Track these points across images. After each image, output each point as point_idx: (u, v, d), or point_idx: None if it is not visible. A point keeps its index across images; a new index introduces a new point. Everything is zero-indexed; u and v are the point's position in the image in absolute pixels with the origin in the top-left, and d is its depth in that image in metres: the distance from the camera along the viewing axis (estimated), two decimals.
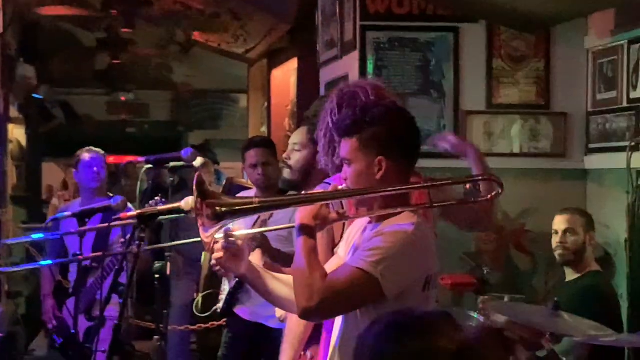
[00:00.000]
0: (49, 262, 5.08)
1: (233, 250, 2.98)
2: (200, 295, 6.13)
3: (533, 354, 4.36)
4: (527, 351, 4.11)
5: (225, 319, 5.86)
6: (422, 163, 3.16)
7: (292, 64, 8.79)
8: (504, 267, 5.94)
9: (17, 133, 12.15)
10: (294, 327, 3.59)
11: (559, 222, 4.98)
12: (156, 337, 3.55)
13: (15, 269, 4.99)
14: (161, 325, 3.74)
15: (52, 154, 14.34)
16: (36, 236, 4.28)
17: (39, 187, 13.88)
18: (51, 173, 14.74)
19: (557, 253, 4.97)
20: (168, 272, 3.69)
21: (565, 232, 4.94)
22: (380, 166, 2.95)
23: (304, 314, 2.91)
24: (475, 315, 4.84)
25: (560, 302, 4.32)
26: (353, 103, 3.47)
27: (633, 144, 5.34)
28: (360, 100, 3.51)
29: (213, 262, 3.13)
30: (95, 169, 5.95)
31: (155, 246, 3.33)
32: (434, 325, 1.81)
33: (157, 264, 3.58)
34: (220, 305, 5.79)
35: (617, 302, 4.96)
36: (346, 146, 3.01)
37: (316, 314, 2.92)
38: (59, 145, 13.16)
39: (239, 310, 5.40)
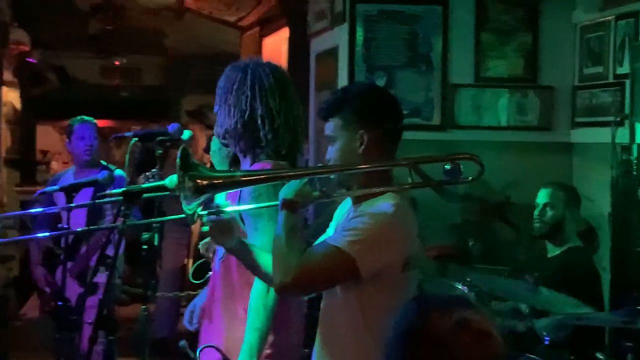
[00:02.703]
0: (46, 234, 5.09)
1: (220, 224, 3.02)
2: (194, 265, 6.12)
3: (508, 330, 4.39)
4: None
5: None
6: (407, 135, 3.15)
7: (284, 33, 8.75)
8: (488, 238, 5.95)
9: (11, 96, 12.09)
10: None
11: (541, 196, 5.01)
12: (143, 306, 3.55)
13: (12, 240, 4.99)
14: (149, 292, 3.75)
15: (46, 117, 14.28)
16: (34, 210, 4.37)
17: (33, 149, 13.85)
18: (46, 135, 14.71)
19: (534, 225, 4.99)
20: (156, 243, 3.68)
21: (545, 206, 4.95)
22: (362, 140, 2.94)
23: (280, 289, 2.91)
24: (459, 286, 4.87)
25: (542, 277, 4.35)
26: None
27: (618, 119, 5.34)
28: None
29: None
30: (87, 142, 5.93)
31: (141, 222, 3.31)
32: (436, 309, 1.85)
33: (145, 234, 3.57)
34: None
35: (597, 279, 4.97)
36: (330, 126, 3.01)
37: (292, 289, 2.91)
38: (53, 108, 13.12)
39: None
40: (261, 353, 3.32)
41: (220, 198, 3.24)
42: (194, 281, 6.30)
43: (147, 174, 3.63)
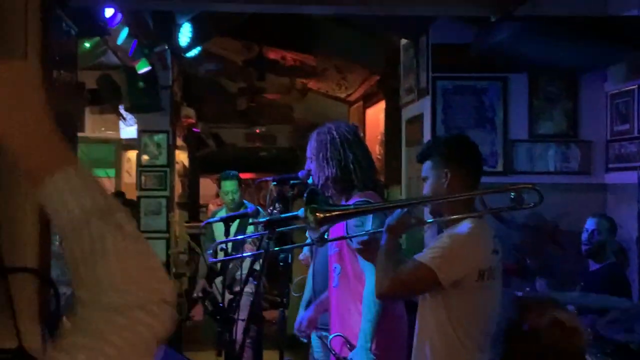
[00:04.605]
0: (247, 254, 5.16)
1: (367, 246, 3.03)
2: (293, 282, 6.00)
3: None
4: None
5: None
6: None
7: (381, 105, 8.78)
8: (542, 257, 5.81)
9: (181, 157, 12.40)
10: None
11: (590, 223, 4.87)
12: (280, 309, 3.56)
13: (219, 260, 5.02)
14: (284, 299, 3.76)
15: (206, 171, 14.58)
16: (241, 236, 4.64)
17: (197, 195, 14.15)
18: (206, 185, 15.01)
19: (584, 246, 4.85)
20: (290, 261, 3.70)
21: (593, 232, 4.82)
22: (446, 177, 2.89)
23: (379, 295, 2.92)
24: (520, 295, 4.74)
25: (586, 286, 4.22)
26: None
27: None
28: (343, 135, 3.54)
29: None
30: (230, 196, 5.99)
31: (281, 248, 3.34)
32: (533, 309, 1.80)
33: (282, 255, 3.60)
34: None
35: (629, 287, 4.80)
36: (424, 168, 2.98)
37: (387, 295, 2.91)
38: (211, 165, 13.40)
39: None
40: (374, 338, 3.30)
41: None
42: (294, 294, 6.22)
43: (273, 211, 3.64)
